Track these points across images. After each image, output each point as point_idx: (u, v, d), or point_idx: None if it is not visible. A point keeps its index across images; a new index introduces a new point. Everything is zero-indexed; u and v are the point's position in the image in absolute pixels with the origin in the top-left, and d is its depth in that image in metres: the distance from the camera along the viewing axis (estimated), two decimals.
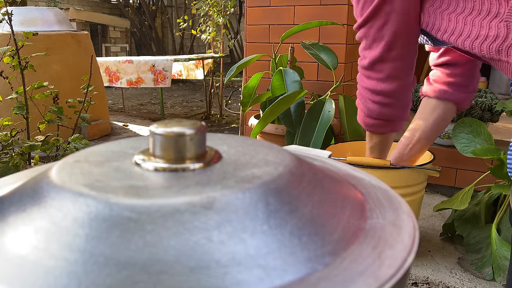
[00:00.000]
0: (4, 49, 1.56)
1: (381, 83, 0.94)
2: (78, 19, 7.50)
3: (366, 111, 1.01)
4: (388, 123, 1.02)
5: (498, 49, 0.72)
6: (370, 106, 0.99)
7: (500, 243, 1.37)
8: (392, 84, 0.93)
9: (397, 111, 1.00)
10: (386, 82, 0.93)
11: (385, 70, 0.92)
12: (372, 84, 0.95)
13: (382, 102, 0.97)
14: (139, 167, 0.33)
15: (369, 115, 1.01)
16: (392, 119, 1.02)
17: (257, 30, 2.30)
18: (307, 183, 0.33)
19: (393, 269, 0.27)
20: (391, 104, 0.98)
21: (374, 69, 0.93)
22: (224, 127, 4.10)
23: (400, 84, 0.94)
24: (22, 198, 0.32)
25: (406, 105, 1.01)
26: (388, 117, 1.00)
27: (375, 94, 0.96)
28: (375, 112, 0.99)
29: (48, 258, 0.26)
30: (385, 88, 0.94)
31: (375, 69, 0.93)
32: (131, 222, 0.27)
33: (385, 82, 0.93)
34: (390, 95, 0.96)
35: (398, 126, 1.05)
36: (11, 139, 1.45)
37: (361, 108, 1.03)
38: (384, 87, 0.94)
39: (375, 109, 0.99)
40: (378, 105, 0.98)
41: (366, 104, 1.00)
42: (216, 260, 0.25)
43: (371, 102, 0.98)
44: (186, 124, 0.33)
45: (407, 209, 0.36)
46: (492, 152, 1.43)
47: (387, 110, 0.98)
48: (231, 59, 9.94)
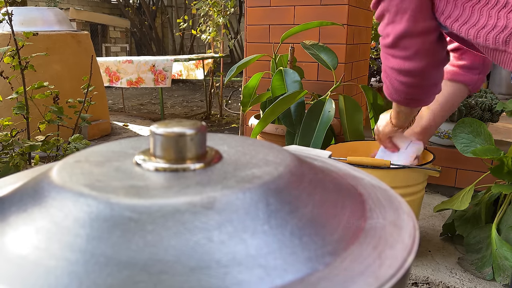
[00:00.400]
0: (5, 49, 1.56)
1: (408, 61, 0.84)
2: (78, 19, 7.50)
3: (392, 90, 0.93)
4: (417, 101, 0.95)
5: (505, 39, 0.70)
6: (396, 86, 0.90)
7: (500, 243, 1.37)
8: (421, 61, 0.83)
9: (427, 89, 0.91)
10: (414, 60, 0.83)
11: (412, 46, 0.82)
12: (398, 63, 0.85)
13: (409, 83, 0.87)
14: (140, 167, 0.33)
15: (396, 93, 0.93)
16: (421, 98, 0.94)
17: (257, 30, 2.30)
18: (308, 183, 0.33)
19: (393, 269, 0.27)
20: (420, 85, 0.88)
21: (400, 46, 0.83)
22: (224, 127, 4.10)
23: (430, 61, 0.84)
24: (23, 198, 0.32)
25: (437, 82, 0.91)
26: (417, 96, 0.92)
27: (402, 74, 0.86)
28: (403, 92, 0.91)
29: (49, 258, 0.26)
30: (413, 67, 0.84)
31: (400, 46, 0.83)
32: (132, 222, 0.27)
33: (413, 60, 0.83)
34: (419, 75, 0.86)
35: (428, 102, 0.96)
36: (11, 139, 1.45)
37: (387, 86, 0.94)
38: (411, 66, 0.84)
39: (402, 89, 0.90)
40: (405, 86, 0.89)
41: (392, 83, 0.91)
42: (217, 260, 0.25)
43: (398, 82, 0.89)
44: (187, 125, 0.33)
45: (407, 209, 0.36)
46: (492, 152, 1.43)
47: (415, 90, 0.89)
48: (231, 59, 9.94)
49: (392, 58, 0.87)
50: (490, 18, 0.71)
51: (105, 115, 3.42)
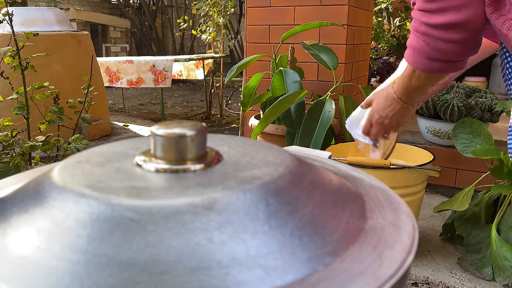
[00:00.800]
0: (5, 50, 1.56)
1: (457, 12, 0.75)
2: (78, 19, 7.50)
3: (435, 54, 0.81)
4: (459, 63, 0.84)
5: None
6: (441, 47, 0.79)
7: (500, 243, 1.37)
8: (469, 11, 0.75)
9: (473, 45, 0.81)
10: (463, 10, 0.75)
11: None
12: (448, 18, 0.76)
13: (458, 40, 0.78)
14: (141, 168, 0.33)
15: (438, 58, 0.82)
16: (466, 58, 0.84)
17: (257, 31, 2.30)
18: (308, 183, 0.33)
19: (393, 269, 0.27)
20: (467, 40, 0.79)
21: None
22: (224, 127, 4.10)
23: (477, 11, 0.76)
24: (24, 198, 0.32)
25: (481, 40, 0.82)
26: (462, 55, 0.82)
27: (450, 30, 0.77)
28: (450, 53, 0.80)
29: (50, 258, 0.26)
30: (464, 18, 0.75)
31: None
32: (133, 223, 0.27)
33: (462, 10, 0.75)
34: (467, 28, 0.77)
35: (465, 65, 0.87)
36: (11, 139, 1.45)
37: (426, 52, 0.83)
38: (463, 17, 0.75)
39: (448, 49, 0.79)
40: (453, 44, 0.78)
41: (435, 46, 0.80)
42: (217, 261, 0.25)
43: (443, 42, 0.79)
44: (187, 125, 0.33)
45: (406, 209, 0.36)
46: (492, 153, 1.44)
47: (463, 48, 0.80)
48: (231, 59, 9.94)
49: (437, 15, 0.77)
50: None
51: (105, 115, 3.42)
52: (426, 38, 0.81)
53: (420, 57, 0.84)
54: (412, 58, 0.86)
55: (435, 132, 2.09)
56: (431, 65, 0.84)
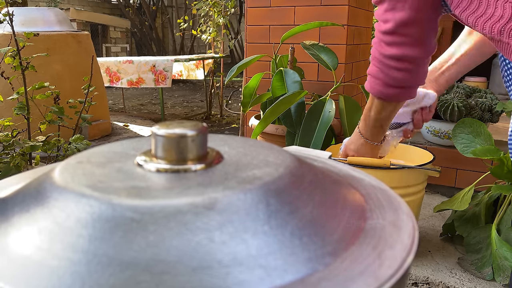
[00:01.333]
0: (5, 50, 1.56)
1: (408, 48, 0.85)
2: (78, 19, 7.50)
3: (388, 80, 0.91)
4: (409, 90, 0.94)
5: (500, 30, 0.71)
6: (394, 75, 0.89)
7: (500, 243, 1.37)
8: (418, 48, 0.85)
9: (420, 76, 0.92)
10: (413, 47, 0.84)
11: (412, 33, 0.83)
12: (397, 51, 0.86)
13: (408, 69, 0.88)
14: (141, 168, 0.33)
15: (391, 84, 0.92)
16: (414, 86, 0.94)
17: (257, 31, 2.30)
18: (308, 184, 0.34)
19: (392, 269, 0.27)
20: (415, 70, 0.89)
21: (400, 33, 0.83)
22: (224, 127, 4.10)
23: (426, 47, 0.86)
24: (25, 199, 0.32)
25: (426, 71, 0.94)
26: (412, 83, 0.92)
27: (401, 61, 0.87)
28: (400, 80, 0.90)
29: (51, 258, 0.26)
30: (412, 54, 0.85)
31: (400, 33, 0.83)
32: (134, 223, 0.27)
33: (412, 47, 0.84)
34: (415, 61, 0.87)
35: (414, 94, 0.97)
36: (12, 139, 1.45)
37: (380, 79, 0.93)
38: (410, 53, 0.85)
39: (400, 77, 0.89)
40: (404, 72, 0.88)
41: (389, 73, 0.90)
42: (218, 260, 0.25)
43: (396, 70, 0.89)
44: (188, 126, 0.33)
45: (406, 209, 0.36)
46: (492, 153, 1.44)
47: (412, 76, 0.90)
48: (231, 59, 9.94)
49: (387, 46, 0.87)
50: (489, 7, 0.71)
51: (106, 115, 3.42)
52: (381, 65, 0.91)
53: (376, 83, 0.94)
54: (370, 84, 0.96)
55: (435, 132, 2.09)
56: (387, 90, 0.93)
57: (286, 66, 1.96)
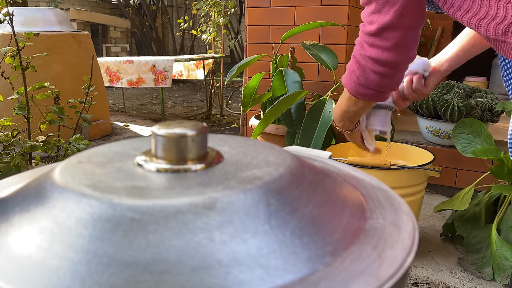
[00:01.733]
0: (6, 50, 1.56)
1: (387, 52, 0.86)
2: (78, 19, 7.50)
3: (363, 81, 0.93)
4: (382, 93, 0.95)
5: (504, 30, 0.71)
6: (370, 76, 0.91)
7: (500, 243, 1.37)
8: (399, 54, 0.86)
9: (395, 82, 0.93)
10: (392, 52, 0.85)
11: (394, 38, 0.84)
12: (376, 53, 0.87)
13: (384, 73, 0.89)
14: (142, 168, 0.33)
15: (365, 85, 0.93)
16: (387, 91, 0.95)
17: (257, 31, 2.30)
18: (308, 183, 0.34)
19: (393, 269, 0.27)
20: (392, 76, 0.90)
21: (382, 36, 0.85)
22: (224, 127, 4.10)
23: (406, 54, 0.87)
24: (26, 198, 0.32)
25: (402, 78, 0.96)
26: (385, 88, 0.93)
27: (379, 64, 0.88)
28: (374, 82, 0.91)
29: (52, 258, 0.26)
30: (391, 58, 0.86)
31: (382, 36, 0.84)
32: (134, 223, 0.27)
33: (392, 52, 0.85)
34: (394, 66, 0.88)
35: (388, 97, 0.99)
36: (12, 139, 1.45)
37: (356, 77, 0.94)
38: (389, 57, 0.86)
39: (374, 79, 0.91)
40: (379, 76, 0.90)
41: (365, 74, 0.91)
42: (218, 260, 0.25)
43: (372, 72, 0.90)
44: (188, 126, 0.33)
45: (406, 209, 0.36)
46: (492, 153, 1.44)
47: (386, 81, 0.91)
48: (231, 59, 9.94)
49: (369, 47, 0.88)
50: (490, 8, 0.72)
51: (106, 115, 3.42)
52: (359, 65, 0.92)
53: (350, 79, 0.96)
54: (346, 79, 0.98)
55: (435, 132, 2.09)
56: (360, 89, 0.95)
57: (286, 66, 1.96)
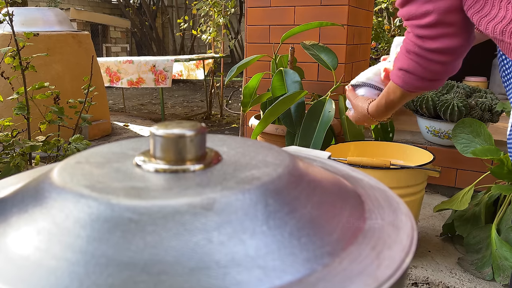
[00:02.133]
0: (5, 50, 1.56)
1: (453, 38, 0.80)
2: (78, 19, 7.50)
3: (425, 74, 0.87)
4: (442, 81, 0.90)
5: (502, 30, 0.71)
6: (434, 68, 0.85)
7: (500, 243, 1.37)
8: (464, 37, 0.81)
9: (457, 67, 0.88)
10: (459, 37, 0.80)
11: (458, 20, 0.79)
12: (442, 43, 0.81)
13: (448, 61, 0.84)
14: (140, 168, 0.33)
15: (427, 78, 0.88)
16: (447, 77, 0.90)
17: (257, 31, 2.30)
18: (306, 184, 0.33)
19: (391, 270, 0.27)
20: (456, 61, 0.85)
21: (445, 23, 0.79)
22: (224, 127, 4.10)
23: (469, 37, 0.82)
24: (24, 199, 0.32)
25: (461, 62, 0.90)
26: (447, 75, 0.88)
27: (444, 54, 0.82)
28: (438, 73, 0.86)
29: (50, 259, 0.26)
30: (457, 44, 0.81)
31: (445, 23, 0.79)
32: (132, 223, 0.27)
33: (457, 37, 0.80)
34: (458, 52, 0.83)
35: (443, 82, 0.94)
36: (12, 139, 1.45)
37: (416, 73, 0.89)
38: (455, 43, 0.81)
39: (439, 69, 0.85)
40: (443, 65, 0.84)
41: (428, 67, 0.86)
42: (216, 261, 0.25)
43: (436, 63, 0.84)
44: (187, 126, 0.33)
45: (405, 209, 0.36)
46: (492, 153, 1.44)
47: (450, 68, 0.86)
48: (231, 59, 9.95)
49: (431, 40, 0.82)
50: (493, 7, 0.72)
51: (106, 115, 3.42)
52: (420, 60, 0.87)
53: (410, 77, 0.91)
54: (401, 79, 0.92)
55: (435, 132, 2.09)
56: (420, 84, 0.91)
57: (286, 66, 1.96)
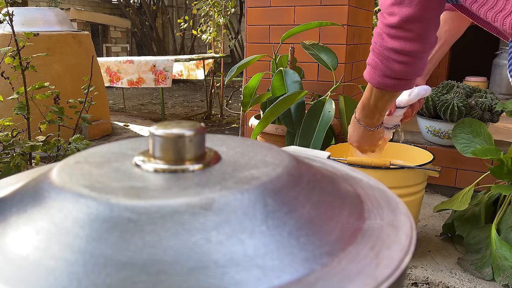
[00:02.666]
0: (6, 50, 1.56)
1: (410, 43, 0.86)
2: (79, 19, 7.50)
3: (387, 72, 0.93)
4: (408, 81, 0.96)
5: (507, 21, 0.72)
6: (394, 67, 0.91)
7: (500, 243, 1.37)
8: (421, 44, 0.86)
9: (421, 68, 0.93)
10: (416, 42, 0.86)
11: (416, 29, 0.84)
12: (399, 45, 0.87)
13: (408, 62, 0.89)
14: (139, 168, 0.33)
15: (390, 75, 0.93)
16: (413, 78, 0.95)
17: (257, 31, 2.30)
18: (306, 184, 0.33)
19: (390, 269, 0.27)
20: (416, 63, 0.90)
21: (404, 28, 0.84)
22: (224, 127, 4.10)
23: (428, 43, 0.88)
24: (23, 199, 0.32)
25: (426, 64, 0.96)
26: (411, 75, 0.94)
27: (402, 55, 0.88)
28: (399, 72, 0.92)
29: (49, 259, 0.26)
30: (414, 48, 0.87)
31: (405, 28, 0.84)
32: (131, 223, 0.27)
33: (415, 42, 0.86)
34: (417, 55, 0.89)
35: (413, 84, 0.99)
36: (12, 139, 1.45)
37: (380, 69, 0.94)
38: (413, 48, 0.87)
39: (399, 69, 0.91)
40: (404, 65, 0.90)
41: (389, 65, 0.91)
42: (215, 261, 0.25)
43: (396, 62, 0.90)
44: (186, 126, 0.33)
45: (404, 209, 0.36)
46: (492, 153, 1.44)
47: (412, 69, 0.91)
48: (231, 59, 9.95)
49: (390, 39, 0.88)
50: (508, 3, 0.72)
51: (106, 115, 3.42)
52: (381, 57, 0.92)
53: (375, 73, 0.96)
54: (368, 74, 0.98)
55: (435, 132, 2.09)
56: (385, 81, 0.95)
57: (286, 66, 1.96)
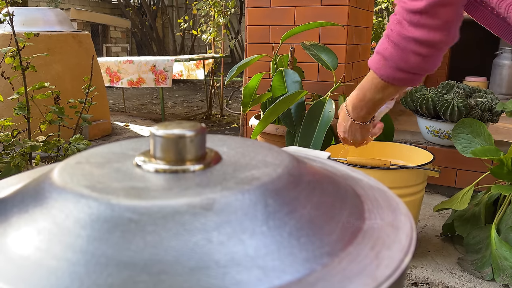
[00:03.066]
0: (6, 50, 1.56)
1: (434, 32, 0.77)
2: (79, 19, 7.50)
3: (401, 64, 0.84)
4: (419, 77, 0.86)
5: None
6: (411, 59, 0.82)
7: (499, 243, 1.37)
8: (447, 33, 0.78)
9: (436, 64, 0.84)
10: (440, 31, 0.77)
11: (444, 15, 0.75)
12: (421, 34, 0.78)
13: (427, 55, 0.81)
14: (140, 168, 0.33)
15: (403, 68, 0.84)
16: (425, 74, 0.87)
17: (257, 31, 2.30)
18: (306, 184, 0.34)
19: (390, 269, 0.28)
20: (433, 57, 0.82)
21: (431, 13, 0.75)
22: (224, 127, 4.10)
23: (451, 34, 0.79)
24: (24, 199, 0.32)
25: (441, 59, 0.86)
26: (424, 71, 0.85)
27: (424, 46, 0.80)
28: (414, 65, 0.83)
29: (50, 259, 0.26)
30: (438, 38, 0.78)
31: (432, 13, 0.75)
32: (132, 223, 0.27)
33: (439, 31, 0.77)
34: (439, 47, 0.80)
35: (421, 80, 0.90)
36: (12, 139, 1.45)
37: (393, 61, 0.85)
38: (436, 37, 0.78)
39: (415, 62, 0.82)
40: (421, 58, 0.81)
41: (404, 56, 0.82)
42: (216, 261, 0.26)
43: (414, 54, 0.81)
44: (186, 126, 0.33)
45: (404, 210, 0.36)
46: (492, 153, 1.44)
47: (428, 63, 0.83)
48: (231, 59, 9.94)
49: (412, 27, 0.79)
50: None
51: (106, 115, 3.42)
52: (398, 48, 0.83)
53: (386, 65, 0.86)
54: (377, 64, 0.87)
55: (435, 132, 2.09)
56: (395, 74, 0.86)
57: (286, 66, 1.96)
